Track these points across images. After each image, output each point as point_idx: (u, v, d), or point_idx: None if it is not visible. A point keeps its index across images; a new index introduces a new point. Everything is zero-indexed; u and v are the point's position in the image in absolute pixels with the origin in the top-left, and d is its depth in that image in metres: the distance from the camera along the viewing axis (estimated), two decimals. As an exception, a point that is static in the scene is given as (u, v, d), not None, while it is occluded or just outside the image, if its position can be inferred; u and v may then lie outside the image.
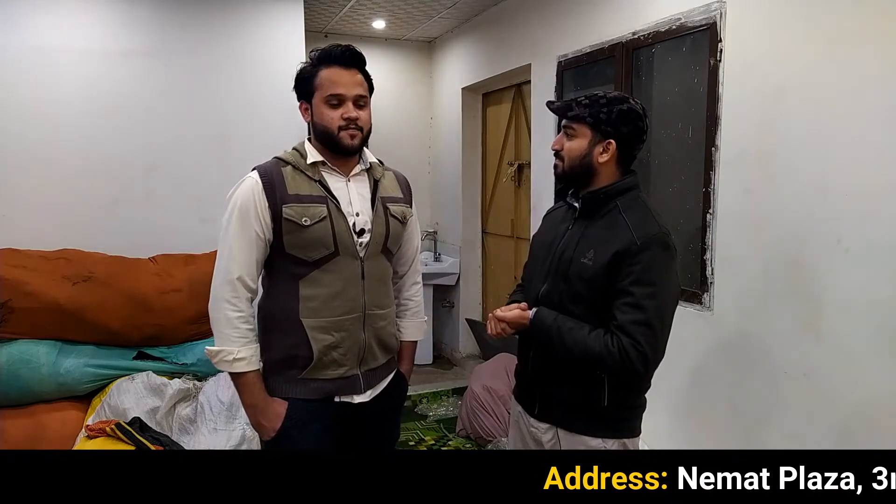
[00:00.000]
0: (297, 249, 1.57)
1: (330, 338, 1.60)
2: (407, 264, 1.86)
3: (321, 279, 1.59)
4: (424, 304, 1.97)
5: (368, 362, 1.68)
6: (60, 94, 3.21)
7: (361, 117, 1.60)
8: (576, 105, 1.58)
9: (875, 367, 1.85)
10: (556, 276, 1.60)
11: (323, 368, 1.61)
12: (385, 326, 1.72)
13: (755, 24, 2.19)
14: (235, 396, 2.76)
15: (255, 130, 3.55)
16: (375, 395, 1.72)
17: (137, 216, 3.36)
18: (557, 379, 1.60)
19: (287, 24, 3.60)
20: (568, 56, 3.25)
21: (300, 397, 1.61)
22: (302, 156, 1.64)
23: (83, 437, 2.59)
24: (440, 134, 5.11)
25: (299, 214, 1.56)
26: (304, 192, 1.59)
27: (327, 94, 1.58)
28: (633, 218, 1.53)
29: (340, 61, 1.59)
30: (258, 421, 1.61)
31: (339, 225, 1.59)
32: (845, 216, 1.90)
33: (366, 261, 1.64)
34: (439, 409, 3.93)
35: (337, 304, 1.60)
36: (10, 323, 2.76)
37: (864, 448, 1.83)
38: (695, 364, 2.44)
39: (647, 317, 1.45)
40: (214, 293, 1.58)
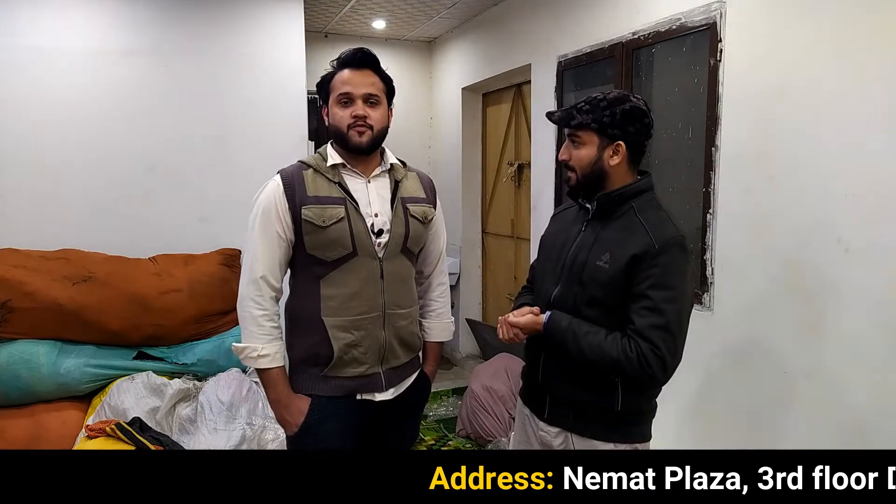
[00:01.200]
0: (316, 250, 1.61)
1: (350, 336, 1.63)
2: (432, 265, 1.88)
3: (340, 279, 1.62)
4: None
5: (390, 361, 1.71)
6: (60, 94, 3.21)
7: (371, 115, 1.63)
8: (577, 112, 1.54)
9: (875, 366, 1.85)
10: (570, 279, 1.57)
11: (344, 366, 1.64)
12: (407, 325, 1.73)
13: (755, 24, 2.19)
14: (235, 396, 2.78)
15: (255, 130, 3.54)
16: (399, 394, 1.75)
17: (137, 216, 3.36)
18: (569, 383, 1.58)
19: (287, 24, 3.60)
20: (568, 56, 3.25)
21: (323, 394, 1.65)
22: (323, 158, 1.67)
23: (83, 437, 2.59)
24: (440, 134, 5.11)
25: (318, 216, 1.59)
26: (324, 193, 1.63)
27: (338, 94, 1.64)
28: (649, 220, 1.50)
29: (352, 63, 1.65)
30: (282, 416, 1.66)
31: (356, 225, 1.62)
32: (845, 216, 1.90)
33: (385, 261, 1.66)
34: (439, 409, 3.93)
35: (355, 304, 1.63)
36: (10, 323, 2.76)
37: (864, 448, 1.84)
38: (695, 364, 2.44)
39: (666, 321, 1.43)
40: (241, 292, 1.64)
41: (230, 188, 3.43)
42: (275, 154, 3.12)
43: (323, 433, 1.64)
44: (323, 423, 1.64)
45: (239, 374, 2.91)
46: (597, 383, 1.53)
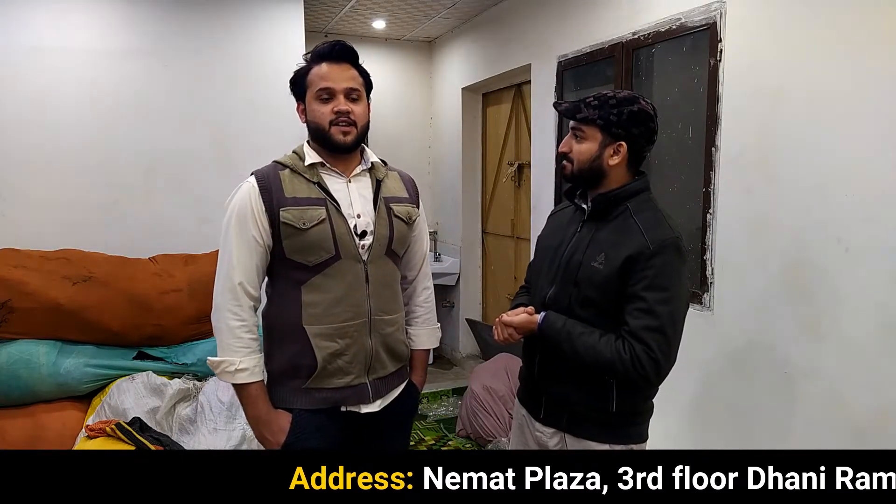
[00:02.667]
0: (297, 254, 1.53)
1: (334, 345, 1.55)
2: (416, 268, 1.79)
3: (323, 284, 1.54)
4: None
5: (377, 370, 1.62)
6: (60, 94, 3.21)
7: (354, 111, 1.55)
8: (584, 106, 1.53)
9: (876, 366, 1.85)
10: (565, 279, 1.57)
11: (328, 377, 1.56)
12: (393, 333, 1.66)
13: (755, 24, 2.19)
14: (235, 396, 2.78)
15: (255, 130, 3.55)
16: (386, 405, 1.66)
17: (137, 216, 3.36)
18: (564, 383, 1.57)
19: (287, 24, 3.60)
20: (568, 56, 3.25)
21: (305, 408, 1.56)
22: (300, 158, 1.59)
23: (83, 437, 2.59)
24: (440, 134, 5.11)
25: (297, 218, 1.51)
26: (302, 194, 1.54)
27: (317, 89, 1.55)
28: (644, 221, 1.49)
29: (330, 57, 1.56)
30: (262, 434, 1.56)
31: (339, 227, 1.54)
32: (845, 216, 1.90)
33: (369, 264, 1.58)
34: (439, 409, 3.93)
35: (340, 310, 1.55)
36: (10, 323, 2.76)
37: (864, 448, 1.83)
38: (694, 364, 2.44)
39: (660, 323, 1.42)
40: (216, 302, 1.54)
41: (230, 188, 3.38)
42: (275, 154, 3.06)
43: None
44: (305, 440, 1.55)
45: (239, 374, 2.90)
46: (592, 384, 1.53)
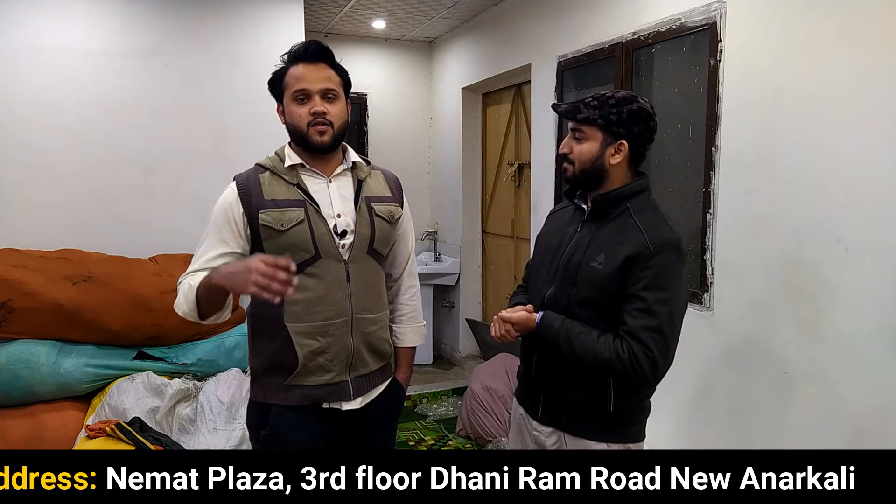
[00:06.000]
0: (277, 255, 1.50)
1: (315, 343, 1.57)
2: (401, 266, 1.80)
3: (304, 283, 1.53)
4: (424, 304, 1.92)
5: (358, 368, 1.64)
6: (60, 94, 3.21)
7: (331, 111, 1.56)
8: (584, 107, 1.53)
9: (875, 366, 1.85)
10: (564, 279, 1.57)
11: (309, 374, 1.58)
12: (376, 331, 1.67)
13: (755, 24, 2.19)
14: (235, 396, 2.78)
15: (255, 130, 3.53)
16: (367, 403, 1.67)
17: (137, 216, 3.36)
18: (562, 382, 1.58)
19: (287, 24, 3.60)
20: (568, 56, 3.25)
21: (286, 404, 1.58)
22: (281, 160, 1.61)
23: (83, 437, 2.60)
24: (440, 134, 5.11)
25: (276, 220, 1.53)
26: (281, 196, 1.56)
27: (293, 91, 1.56)
28: (645, 221, 1.50)
29: (305, 57, 1.57)
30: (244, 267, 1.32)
31: (318, 228, 1.55)
32: (845, 216, 1.90)
33: (350, 263, 1.60)
34: (439, 409, 3.93)
35: (321, 309, 1.57)
36: (10, 323, 2.76)
37: (864, 448, 1.83)
38: (694, 364, 2.44)
39: (658, 323, 1.43)
40: (178, 283, 1.54)
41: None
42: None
43: (290, 448, 1.56)
44: (287, 437, 1.57)
45: (239, 373, 2.91)
46: (589, 383, 1.53)
